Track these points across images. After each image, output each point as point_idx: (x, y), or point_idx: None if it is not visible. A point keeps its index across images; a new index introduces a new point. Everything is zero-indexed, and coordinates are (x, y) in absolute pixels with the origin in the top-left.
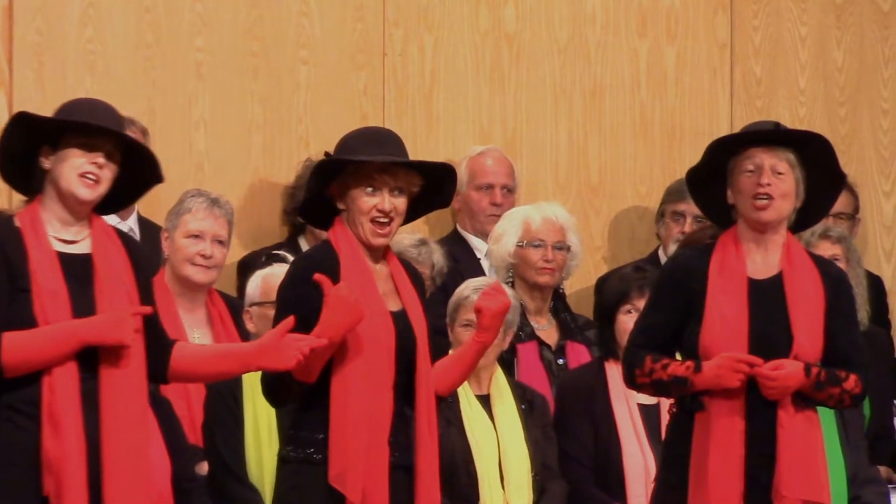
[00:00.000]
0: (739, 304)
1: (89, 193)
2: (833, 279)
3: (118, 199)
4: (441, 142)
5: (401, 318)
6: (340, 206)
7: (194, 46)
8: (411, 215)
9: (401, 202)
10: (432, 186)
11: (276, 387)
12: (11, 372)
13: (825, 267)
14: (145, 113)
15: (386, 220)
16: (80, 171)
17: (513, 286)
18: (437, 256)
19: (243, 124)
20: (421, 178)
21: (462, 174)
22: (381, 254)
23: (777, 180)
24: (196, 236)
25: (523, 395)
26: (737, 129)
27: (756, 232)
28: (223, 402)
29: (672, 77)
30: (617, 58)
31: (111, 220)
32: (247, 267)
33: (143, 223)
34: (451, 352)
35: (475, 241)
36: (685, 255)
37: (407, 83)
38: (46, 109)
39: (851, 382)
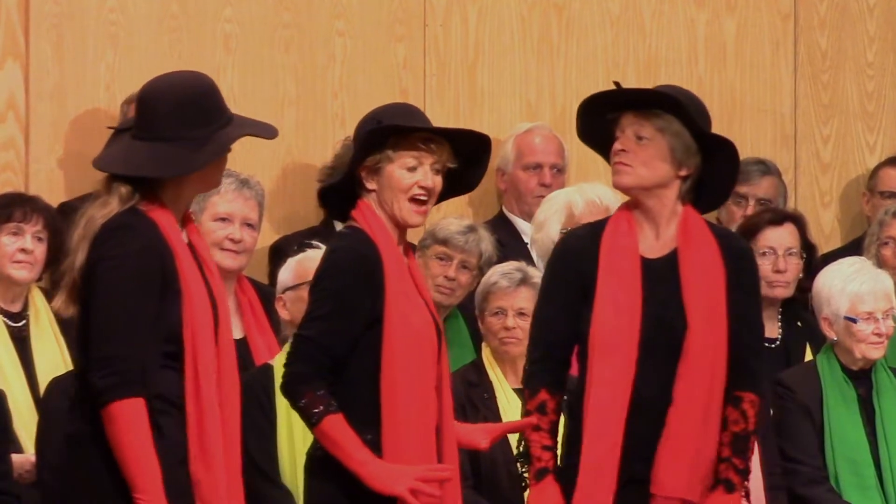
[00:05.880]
0: (633, 287)
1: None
2: (734, 252)
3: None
4: (486, 118)
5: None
6: (370, 185)
7: (222, 17)
8: None
9: (439, 181)
10: (461, 170)
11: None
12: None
13: (727, 240)
14: None
15: (426, 197)
16: None
17: None
18: (486, 244)
19: (275, 100)
20: (454, 159)
21: (508, 153)
22: (404, 243)
23: (638, 147)
24: (224, 219)
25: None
26: (800, 105)
27: (638, 209)
28: (256, 400)
29: (732, 49)
30: (673, 29)
31: None
32: (279, 252)
33: None
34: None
35: (522, 225)
36: (575, 235)
37: (449, 56)
38: (65, 85)
39: (749, 420)
